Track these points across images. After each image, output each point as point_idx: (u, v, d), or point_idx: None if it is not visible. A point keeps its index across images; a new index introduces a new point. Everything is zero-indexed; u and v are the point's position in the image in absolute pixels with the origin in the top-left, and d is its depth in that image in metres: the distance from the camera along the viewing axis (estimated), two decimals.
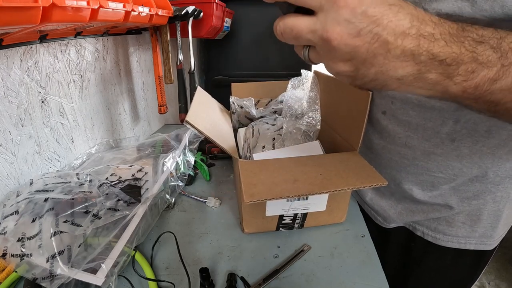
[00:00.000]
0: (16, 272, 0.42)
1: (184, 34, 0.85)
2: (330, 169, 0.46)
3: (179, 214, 0.62)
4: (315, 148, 0.57)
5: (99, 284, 0.41)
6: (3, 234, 0.44)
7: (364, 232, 0.55)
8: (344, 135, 0.58)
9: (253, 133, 0.66)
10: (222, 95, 0.87)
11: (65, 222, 0.46)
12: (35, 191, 0.51)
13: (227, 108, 0.84)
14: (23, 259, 0.41)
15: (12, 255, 0.41)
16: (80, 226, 0.46)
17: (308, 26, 0.25)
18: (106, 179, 0.62)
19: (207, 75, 1.24)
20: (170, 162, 0.67)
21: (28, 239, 0.43)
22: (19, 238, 0.43)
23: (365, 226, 0.57)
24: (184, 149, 0.74)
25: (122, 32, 0.83)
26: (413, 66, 0.25)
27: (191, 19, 0.84)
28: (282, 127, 0.64)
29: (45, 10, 0.37)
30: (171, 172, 0.65)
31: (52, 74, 0.61)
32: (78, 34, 0.65)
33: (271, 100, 0.83)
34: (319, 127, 0.65)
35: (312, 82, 0.70)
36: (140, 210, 0.53)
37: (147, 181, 0.63)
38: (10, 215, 0.46)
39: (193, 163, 0.73)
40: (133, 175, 0.65)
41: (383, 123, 0.51)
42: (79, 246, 0.44)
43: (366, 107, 0.48)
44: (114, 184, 0.59)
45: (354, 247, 0.52)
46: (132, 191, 0.58)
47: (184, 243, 0.53)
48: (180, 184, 0.65)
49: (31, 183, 0.54)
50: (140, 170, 0.66)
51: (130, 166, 0.68)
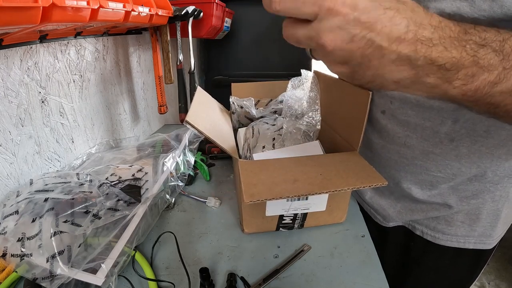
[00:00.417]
0: (16, 272, 0.42)
1: (184, 34, 0.85)
2: (330, 169, 0.46)
3: (179, 214, 0.62)
4: (315, 148, 0.57)
5: (99, 284, 0.41)
6: (3, 234, 0.44)
7: (364, 232, 0.55)
8: (344, 135, 0.58)
9: (253, 133, 0.66)
10: (222, 95, 0.87)
11: (65, 222, 0.46)
12: (35, 191, 0.51)
13: (227, 108, 0.84)
14: (23, 259, 0.41)
15: (12, 255, 0.41)
16: (80, 226, 0.46)
17: (305, 34, 0.26)
18: (106, 179, 0.62)
19: (207, 75, 1.24)
20: (170, 162, 0.67)
21: (28, 239, 0.43)
22: (19, 238, 0.43)
23: (365, 226, 0.57)
24: (184, 149, 0.74)
25: (122, 32, 0.83)
26: (410, 70, 0.25)
27: (191, 19, 0.84)
28: (282, 127, 0.64)
29: (45, 10, 0.37)
30: (171, 172, 0.65)
31: (52, 74, 0.61)
32: (78, 34, 0.65)
33: (271, 100, 0.83)
34: (319, 127, 0.65)
35: (312, 82, 0.70)
36: (140, 210, 0.53)
37: (147, 181, 0.63)
38: (10, 215, 0.46)
39: (193, 163, 0.73)
40: (133, 175, 0.65)
41: (382, 123, 0.51)
42: (79, 246, 0.44)
43: (366, 107, 0.48)
44: (114, 184, 0.60)
45: (354, 247, 0.52)
46: (132, 191, 0.58)
47: (184, 243, 0.53)
48: (180, 184, 0.65)
49: (31, 183, 0.54)
50: (140, 170, 0.66)
51: (130, 166, 0.68)
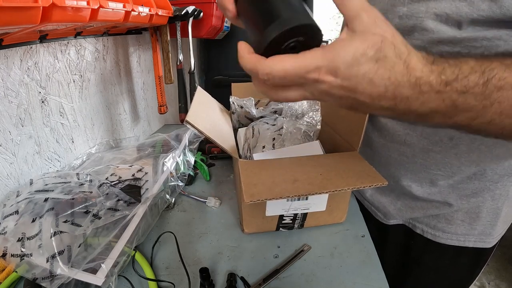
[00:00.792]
0: (16, 272, 0.42)
1: (184, 34, 0.85)
2: (330, 169, 0.46)
3: (179, 214, 0.62)
4: (315, 148, 0.57)
5: (99, 284, 0.41)
6: (3, 234, 0.44)
7: (364, 232, 0.55)
8: (344, 135, 0.58)
9: (253, 133, 0.66)
10: (222, 95, 0.87)
11: (65, 222, 0.46)
12: (35, 191, 0.51)
13: (227, 108, 0.84)
14: (23, 259, 0.41)
15: (12, 255, 0.41)
16: (80, 226, 0.46)
17: (298, 96, 0.28)
18: (106, 179, 0.62)
19: (207, 75, 1.24)
20: (170, 162, 0.67)
21: (28, 239, 0.43)
22: (19, 238, 0.43)
23: (365, 226, 0.57)
24: (184, 149, 0.74)
25: (122, 32, 0.83)
26: (392, 113, 0.28)
27: (191, 19, 0.84)
28: (282, 127, 0.64)
29: (45, 10, 0.37)
30: (171, 172, 0.65)
31: (52, 74, 0.61)
32: (78, 34, 0.65)
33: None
34: (319, 127, 0.65)
35: None
36: (140, 210, 0.53)
37: (147, 181, 0.63)
38: (10, 215, 0.46)
39: (193, 163, 0.73)
40: (133, 175, 0.65)
41: (382, 121, 0.51)
42: (79, 246, 0.44)
43: None
44: (114, 184, 0.59)
45: (354, 247, 0.52)
46: (132, 191, 0.58)
47: (184, 243, 0.53)
48: (180, 184, 0.65)
49: (31, 183, 0.54)
50: (140, 170, 0.66)
51: (130, 166, 0.68)
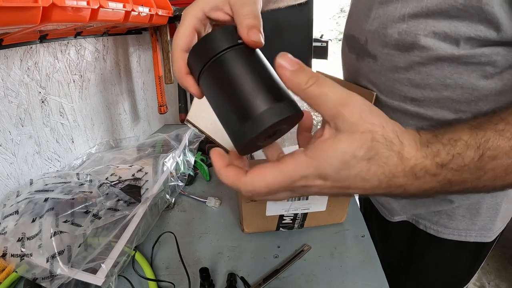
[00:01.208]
0: (16, 272, 0.42)
1: None
2: None
3: (179, 214, 0.62)
4: None
5: (99, 284, 0.41)
6: (3, 234, 0.44)
7: (364, 232, 0.55)
8: None
9: None
10: None
11: (65, 222, 0.46)
12: (35, 191, 0.51)
13: None
14: (23, 259, 0.41)
15: (12, 255, 0.41)
16: (80, 226, 0.46)
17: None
18: (106, 179, 0.62)
19: None
20: (170, 162, 0.67)
21: (28, 239, 0.43)
22: (19, 238, 0.43)
23: (365, 226, 0.57)
24: (184, 149, 0.74)
25: (122, 32, 0.83)
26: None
27: None
28: None
29: (45, 10, 0.37)
30: (171, 172, 0.65)
31: (52, 74, 0.61)
32: (78, 34, 0.65)
33: None
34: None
35: None
36: (140, 210, 0.53)
37: (147, 181, 0.63)
38: (10, 215, 0.46)
39: (193, 163, 0.73)
40: (133, 175, 0.65)
41: None
42: (79, 246, 0.44)
43: None
44: (114, 184, 0.59)
45: (354, 247, 0.52)
46: (132, 191, 0.58)
47: (184, 243, 0.53)
48: (180, 184, 0.65)
49: (31, 183, 0.54)
50: (140, 170, 0.66)
51: (130, 166, 0.68)
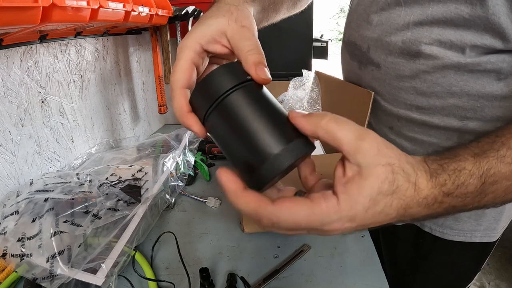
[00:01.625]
0: (16, 272, 0.41)
1: (184, 34, 0.85)
2: (330, 169, 0.46)
3: (179, 214, 0.62)
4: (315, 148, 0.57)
5: (99, 284, 0.41)
6: (3, 234, 0.43)
7: (364, 232, 0.55)
8: None
9: None
10: None
11: (65, 222, 0.46)
12: (35, 191, 0.51)
13: None
14: (23, 259, 0.41)
15: (12, 255, 0.41)
16: (80, 226, 0.46)
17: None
18: (106, 179, 0.62)
19: None
20: (170, 162, 0.67)
21: (28, 239, 0.43)
22: (19, 238, 0.43)
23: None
24: (184, 149, 0.74)
25: (122, 32, 0.83)
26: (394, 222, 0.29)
27: (191, 19, 0.84)
28: None
29: (45, 10, 0.37)
30: (171, 172, 0.65)
31: (52, 74, 0.61)
32: (78, 34, 0.65)
33: None
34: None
35: (313, 82, 0.70)
36: (140, 210, 0.52)
37: (147, 181, 0.63)
38: (10, 215, 0.46)
39: (193, 163, 0.73)
40: (133, 175, 0.65)
41: (390, 137, 0.52)
42: (79, 246, 0.44)
43: (367, 107, 0.48)
44: (114, 184, 0.59)
45: (354, 247, 0.52)
46: (132, 191, 0.58)
47: (184, 243, 0.53)
48: (180, 184, 0.65)
49: (31, 183, 0.54)
50: (140, 170, 0.66)
51: (130, 166, 0.68)
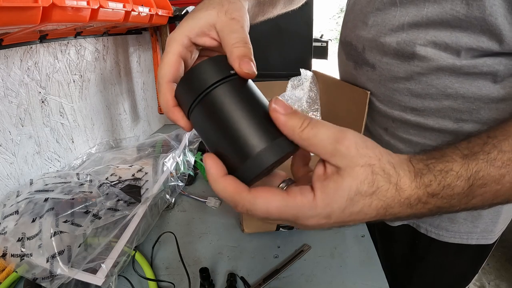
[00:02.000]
0: (16, 272, 0.42)
1: None
2: None
3: (179, 214, 0.62)
4: None
5: (99, 284, 0.41)
6: (3, 234, 0.44)
7: (364, 232, 0.55)
8: None
9: None
10: None
11: (65, 222, 0.46)
12: (35, 191, 0.51)
13: None
14: (23, 259, 0.41)
15: (12, 255, 0.41)
16: (80, 226, 0.46)
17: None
18: (106, 179, 0.62)
19: None
20: (170, 162, 0.67)
21: (28, 239, 0.43)
22: (19, 238, 0.43)
23: (365, 226, 0.57)
24: (184, 149, 0.74)
25: (122, 32, 0.83)
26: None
27: None
28: None
29: (45, 10, 0.37)
30: (171, 172, 0.65)
31: (52, 74, 0.61)
32: (78, 34, 0.65)
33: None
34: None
35: (311, 82, 0.70)
36: (140, 210, 0.53)
37: (147, 181, 0.63)
38: (10, 215, 0.46)
39: (193, 163, 0.73)
40: (133, 175, 0.65)
41: (385, 138, 0.52)
42: (79, 246, 0.44)
43: (364, 107, 0.48)
44: (114, 184, 0.60)
45: (354, 247, 0.52)
46: (132, 191, 0.58)
47: (184, 243, 0.53)
48: (180, 184, 0.65)
49: (31, 183, 0.54)
50: (140, 170, 0.66)
51: (130, 166, 0.68)
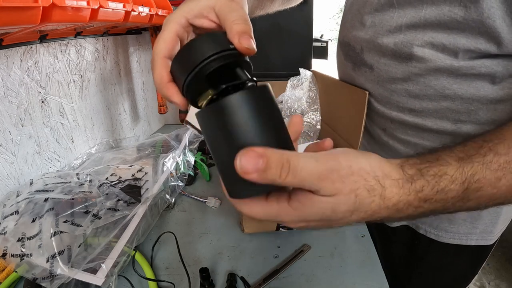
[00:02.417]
0: (16, 272, 0.42)
1: None
2: None
3: (179, 214, 0.62)
4: None
5: (99, 284, 0.41)
6: (3, 234, 0.44)
7: (364, 232, 0.55)
8: (344, 135, 0.58)
9: None
10: None
11: (65, 222, 0.46)
12: (35, 191, 0.51)
13: None
14: (23, 259, 0.41)
15: (12, 255, 0.41)
16: (80, 226, 0.46)
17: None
18: (106, 179, 0.62)
19: None
20: (170, 162, 0.67)
21: (28, 239, 0.43)
22: (19, 238, 0.43)
23: (365, 226, 0.57)
24: (184, 149, 0.74)
25: (122, 32, 0.83)
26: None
27: None
28: None
29: (45, 10, 0.37)
30: (171, 172, 0.65)
31: (52, 74, 0.61)
32: (78, 34, 0.65)
33: None
34: (319, 127, 0.65)
35: (311, 82, 0.70)
36: (140, 210, 0.53)
37: (147, 181, 0.63)
38: (10, 215, 0.46)
39: (193, 163, 0.73)
40: (133, 175, 0.65)
41: (383, 139, 0.52)
42: (79, 246, 0.44)
43: (363, 106, 0.48)
44: (114, 184, 0.59)
45: (354, 247, 0.52)
46: (132, 191, 0.58)
47: (184, 243, 0.53)
48: (180, 184, 0.65)
49: (31, 183, 0.54)
50: (140, 170, 0.66)
51: (130, 166, 0.68)
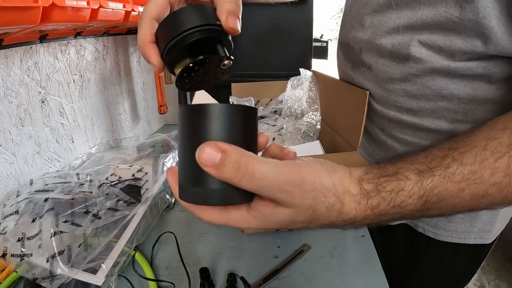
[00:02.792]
0: (16, 272, 0.42)
1: None
2: None
3: (179, 214, 0.62)
4: (315, 148, 0.57)
5: (99, 284, 0.41)
6: (3, 234, 0.44)
7: (364, 232, 0.55)
8: (344, 135, 0.58)
9: None
10: (222, 95, 0.87)
11: (65, 222, 0.46)
12: (35, 191, 0.51)
13: None
14: (23, 259, 0.41)
15: (12, 255, 0.41)
16: (80, 226, 0.46)
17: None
18: (106, 179, 0.62)
19: None
20: (170, 162, 0.67)
21: (28, 239, 0.43)
22: (19, 238, 0.43)
23: (365, 226, 0.57)
24: None
25: (122, 32, 0.83)
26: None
27: None
28: (282, 127, 0.65)
29: (45, 10, 0.37)
30: None
31: (52, 74, 0.61)
32: (78, 34, 0.65)
33: (271, 100, 0.83)
34: (319, 127, 0.65)
35: (311, 82, 0.70)
36: (140, 210, 0.53)
37: (147, 181, 0.63)
38: (10, 215, 0.46)
39: None
40: (133, 175, 0.65)
41: (382, 139, 0.52)
42: (79, 246, 0.44)
43: (364, 106, 0.48)
44: (114, 184, 0.59)
45: (354, 247, 0.52)
46: (132, 191, 0.58)
47: (184, 243, 0.53)
48: None
49: (31, 183, 0.54)
50: (140, 170, 0.66)
51: (130, 166, 0.68)
